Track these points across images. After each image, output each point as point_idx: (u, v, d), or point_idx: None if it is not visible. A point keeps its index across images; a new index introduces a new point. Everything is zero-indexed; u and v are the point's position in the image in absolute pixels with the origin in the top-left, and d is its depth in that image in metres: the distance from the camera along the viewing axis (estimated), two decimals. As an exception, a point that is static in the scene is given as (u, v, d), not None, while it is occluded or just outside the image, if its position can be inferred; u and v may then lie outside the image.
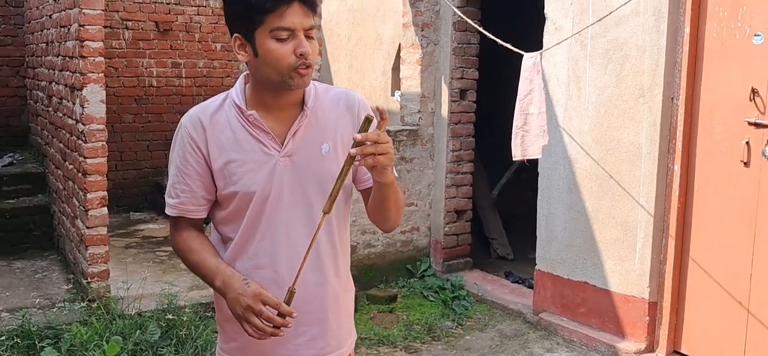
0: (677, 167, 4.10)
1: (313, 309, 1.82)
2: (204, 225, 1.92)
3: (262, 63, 1.68)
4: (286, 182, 1.76)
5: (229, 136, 1.76)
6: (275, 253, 1.77)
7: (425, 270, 5.82)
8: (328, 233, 1.82)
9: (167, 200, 1.86)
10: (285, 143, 1.76)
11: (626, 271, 4.36)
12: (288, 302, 1.65)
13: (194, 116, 1.80)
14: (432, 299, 5.37)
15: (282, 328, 1.64)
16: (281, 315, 1.64)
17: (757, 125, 3.80)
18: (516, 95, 4.38)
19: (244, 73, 1.82)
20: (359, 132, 1.60)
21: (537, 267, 4.96)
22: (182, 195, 1.82)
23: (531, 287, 5.24)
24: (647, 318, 4.28)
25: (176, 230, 1.88)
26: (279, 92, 1.73)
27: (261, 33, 1.65)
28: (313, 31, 1.71)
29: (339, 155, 1.79)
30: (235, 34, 1.71)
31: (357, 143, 1.58)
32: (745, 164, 3.86)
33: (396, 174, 1.84)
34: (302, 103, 1.78)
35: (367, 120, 1.60)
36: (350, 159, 1.60)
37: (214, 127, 1.77)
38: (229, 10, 1.71)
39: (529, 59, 4.33)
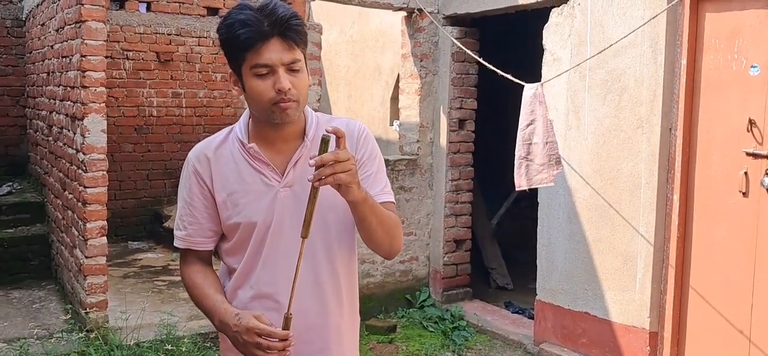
0: (676, 197, 4.12)
1: (313, 338, 1.82)
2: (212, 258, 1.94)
3: (249, 98, 1.73)
4: (287, 212, 1.78)
5: (232, 168, 1.79)
6: (276, 282, 1.78)
7: (424, 300, 5.80)
8: (329, 261, 1.82)
9: (176, 232, 1.88)
10: (285, 173, 1.78)
11: (627, 301, 4.35)
12: (285, 328, 1.66)
13: (199, 150, 1.84)
14: (431, 329, 5.35)
15: (287, 350, 1.66)
16: (282, 339, 1.65)
17: (755, 156, 3.82)
18: (516, 124, 4.40)
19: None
20: (318, 154, 1.60)
21: (537, 297, 4.95)
22: (190, 227, 1.85)
23: (531, 317, 5.22)
24: (648, 348, 4.26)
25: (184, 263, 1.90)
26: (276, 125, 1.75)
27: (244, 70, 1.69)
28: (299, 64, 1.70)
29: None
30: (230, 71, 1.77)
31: (316, 167, 1.58)
32: (743, 194, 3.88)
33: (391, 199, 1.84)
34: (303, 134, 1.80)
35: (324, 141, 1.60)
36: (313, 187, 1.62)
37: (219, 160, 1.81)
38: (223, 50, 1.76)
39: (529, 90, 4.36)
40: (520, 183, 4.38)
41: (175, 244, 1.89)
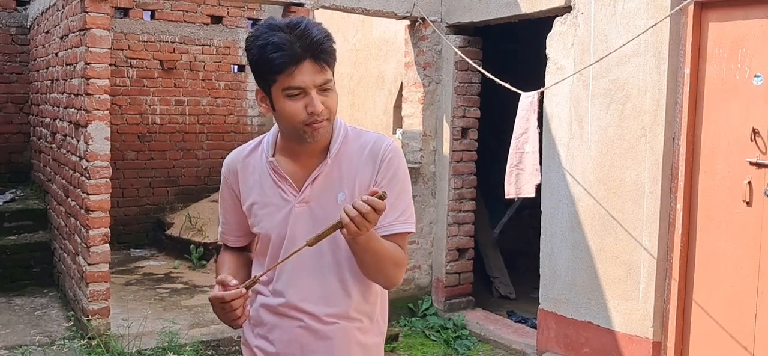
0: (680, 207, 4.11)
1: (336, 348, 1.82)
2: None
3: (279, 117, 1.75)
4: (301, 228, 1.78)
5: (256, 179, 1.85)
6: (290, 294, 1.81)
7: (427, 309, 5.79)
8: (340, 280, 1.80)
9: (219, 228, 2.03)
10: (302, 189, 1.79)
11: (630, 311, 4.34)
12: (249, 286, 1.73)
13: (231, 158, 1.92)
14: (434, 338, 5.33)
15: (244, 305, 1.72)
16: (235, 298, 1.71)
17: (758, 165, 3.81)
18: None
19: None
20: (371, 197, 1.58)
21: (540, 307, 4.94)
22: (224, 226, 1.98)
23: (534, 326, 5.20)
24: (652, 358, 4.25)
25: (220, 253, 2.03)
26: (300, 141, 1.75)
27: (275, 90, 1.70)
28: (330, 83, 1.70)
29: None
30: (257, 88, 1.78)
31: (357, 209, 1.58)
32: (747, 203, 3.87)
33: (407, 229, 1.81)
34: (327, 150, 1.80)
35: (381, 197, 1.59)
36: (339, 223, 1.62)
37: (246, 169, 1.87)
38: (250, 66, 1.76)
39: (526, 98, 4.36)
40: (510, 192, 4.38)
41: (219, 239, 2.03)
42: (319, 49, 1.67)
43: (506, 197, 4.41)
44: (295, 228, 1.78)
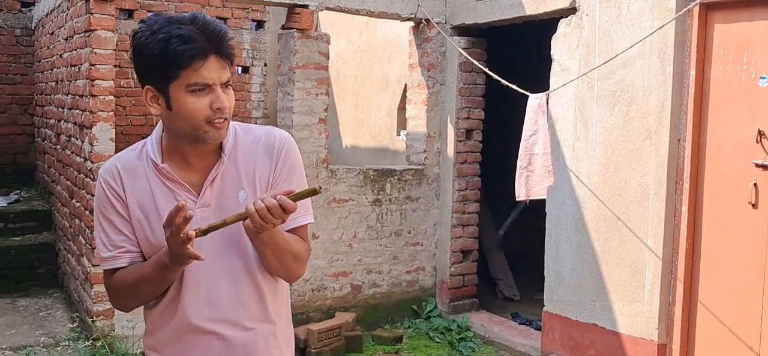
0: (685, 209, 4.10)
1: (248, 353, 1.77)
2: None
3: (176, 116, 1.63)
4: None
5: (145, 188, 1.72)
6: (198, 305, 1.73)
7: (431, 311, 5.78)
8: (253, 282, 1.76)
9: (102, 253, 1.75)
10: (202, 193, 1.72)
11: (635, 313, 4.33)
12: (200, 234, 1.59)
13: (111, 167, 1.75)
14: (438, 340, 5.32)
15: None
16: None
17: (764, 167, 3.80)
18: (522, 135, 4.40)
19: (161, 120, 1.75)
20: (291, 197, 1.56)
21: (545, 309, 4.93)
22: (123, 245, 1.73)
23: (538, 328, 5.19)
24: (657, 360, 4.23)
25: (111, 276, 1.76)
26: (194, 142, 1.68)
27: (176, 87, 1.60)
28: (230, 81, 1.67)
29: None
30: (147, 86, 1.65)
31: (268, 208, 1.55)
32: (753, 205, 3.85)
33: (307, 221, 1.79)
34: (220, 149, 1.73)
35: (303, 195, 1.57)
36: (244, 215, 1.58)
37: (131, 177, 1.72)
38: (141, 62, 1.63)
39: (534, 100, 4.35)
40: (520, 193, 4.37)
41: (103, 267, 1.77)
42: (223, 44, 1.62)
43: (516, 198, 4.39)
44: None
